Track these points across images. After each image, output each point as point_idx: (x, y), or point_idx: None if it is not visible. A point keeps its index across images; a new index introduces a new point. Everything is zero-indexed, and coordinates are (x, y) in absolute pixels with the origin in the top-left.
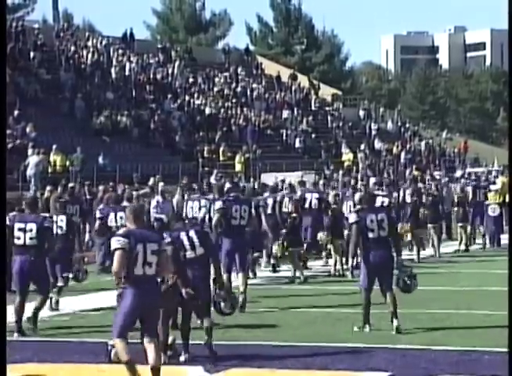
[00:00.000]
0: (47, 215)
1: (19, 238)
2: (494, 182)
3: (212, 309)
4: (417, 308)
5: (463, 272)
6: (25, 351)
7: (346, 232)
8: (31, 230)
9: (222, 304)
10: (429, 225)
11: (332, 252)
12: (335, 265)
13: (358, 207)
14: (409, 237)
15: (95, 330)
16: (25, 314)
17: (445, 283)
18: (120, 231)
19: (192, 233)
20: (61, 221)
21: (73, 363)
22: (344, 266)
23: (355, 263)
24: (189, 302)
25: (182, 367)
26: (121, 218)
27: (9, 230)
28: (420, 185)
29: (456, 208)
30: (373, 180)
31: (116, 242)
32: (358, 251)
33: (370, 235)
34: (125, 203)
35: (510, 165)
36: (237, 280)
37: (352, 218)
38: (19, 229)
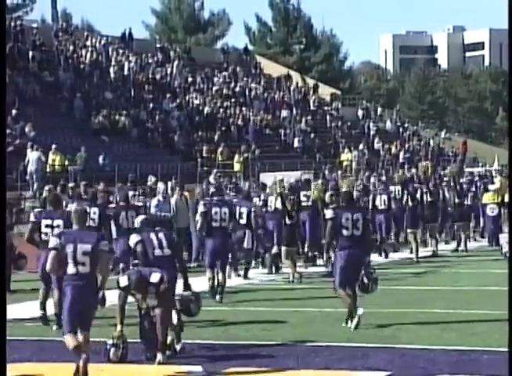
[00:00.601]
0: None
1: (46, 234)
2: (492, 182)
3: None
4: (416, 307)
5: (462, 271)
6: (24, 350)
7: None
8: (58, 226)
9: (191, 305)
10: (429, 225)
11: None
12: None
13: (334, 204)
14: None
15: (94, 329)
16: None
17: (444, 283)
18: (56, 231)
19: (161, 235)
20: (94, 213)
21: (73, 362)
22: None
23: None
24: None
25: (182, 367)
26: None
27: (36, 226)
28: (416, 185)
29: (454, 208)
30: (371, 180)
31: (50, 242)
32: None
33: (344, 233)
34: (121, 203)
35: (510, 165)
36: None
37: (328, 214)
38: (47, 226)
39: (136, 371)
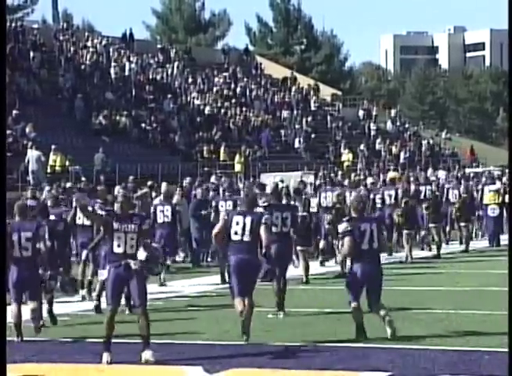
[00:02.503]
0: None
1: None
2: (493, 183)
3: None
4: (417, 308)
5: (462, 272)
6: (24, 351)
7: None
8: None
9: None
10: (430, 226)
11: (337, 252)
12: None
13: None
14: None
15: (95, 330)
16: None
17: (444, 284)
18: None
19: None
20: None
21: (73, 363)
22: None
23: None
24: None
25: (182, 367)
26: None
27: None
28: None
29: (455, 209)
30: (370, 180)
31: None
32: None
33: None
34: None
35: (510, 165)
36: None
37: (343, 227)
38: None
39: (136, 372)
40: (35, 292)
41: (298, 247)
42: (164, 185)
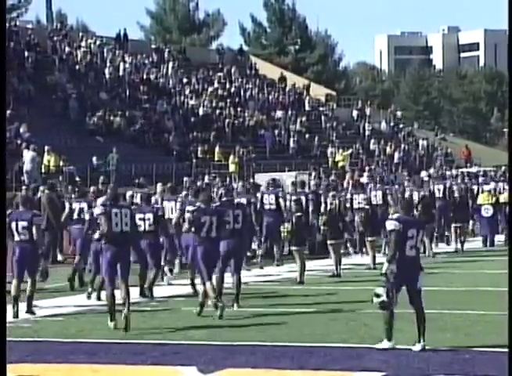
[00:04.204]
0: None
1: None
2: (487, 183)
3: None
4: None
5: (456, 272)
6: (19, 351)
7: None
8: (149, 219)
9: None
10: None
11: (331, 252)
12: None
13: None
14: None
15: (89, 330)
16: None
17: (438, 284)
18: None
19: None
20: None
21: (68, 363)
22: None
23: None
24: None
25: (176, 368)
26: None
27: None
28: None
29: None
30: (364, 180)
31: None
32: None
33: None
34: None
35: (510, 165)
36: None
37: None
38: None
39: (130, 372)
40: (33, 268)
41: (293, 248)
42: (158, 185)
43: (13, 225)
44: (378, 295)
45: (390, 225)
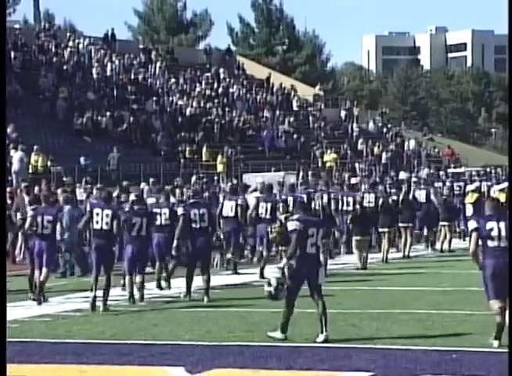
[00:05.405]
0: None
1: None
2: (471, 182)
3: None
4: (399, 308)
5: (444, 272)
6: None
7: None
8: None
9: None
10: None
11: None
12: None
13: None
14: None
15: (77, 330)
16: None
17: (426, 284)
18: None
19: None
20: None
21: (55, 364)
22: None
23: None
24: None
25: (164, 368)
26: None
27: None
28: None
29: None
30: (353, 181)
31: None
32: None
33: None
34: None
35: (510, 165)
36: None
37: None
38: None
39: (118, 372)
40: (50, 260)
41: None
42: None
43: (39, 219)
44: (269, 284)
45: (291, 225)
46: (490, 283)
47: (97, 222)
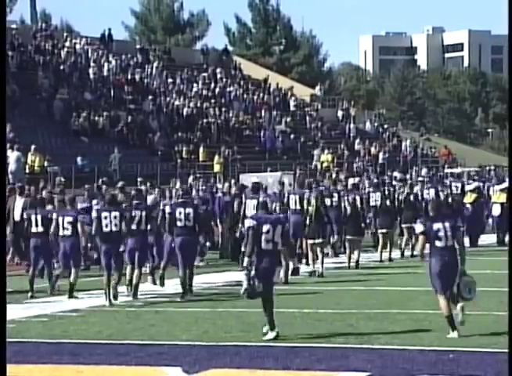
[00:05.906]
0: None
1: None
2: (468, 183)
3: None
4: (396, 308)
5: None
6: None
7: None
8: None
9: None
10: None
11: (309, 251)
12: (320, 263)
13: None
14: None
15: (74, 331)
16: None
17: (423, 284)
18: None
19: None
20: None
21: (52, 364)
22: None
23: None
24: None
25: (161, 368)
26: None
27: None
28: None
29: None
30: (351, 181)
31: None
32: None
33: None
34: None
35: (510, 166)
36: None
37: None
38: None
39: (115, 373)
40: (77, 260)
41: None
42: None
43: (60, 220)
44: (242, 284)
45: (246, 223)
46: (437, 280)
47: (106, 225)
